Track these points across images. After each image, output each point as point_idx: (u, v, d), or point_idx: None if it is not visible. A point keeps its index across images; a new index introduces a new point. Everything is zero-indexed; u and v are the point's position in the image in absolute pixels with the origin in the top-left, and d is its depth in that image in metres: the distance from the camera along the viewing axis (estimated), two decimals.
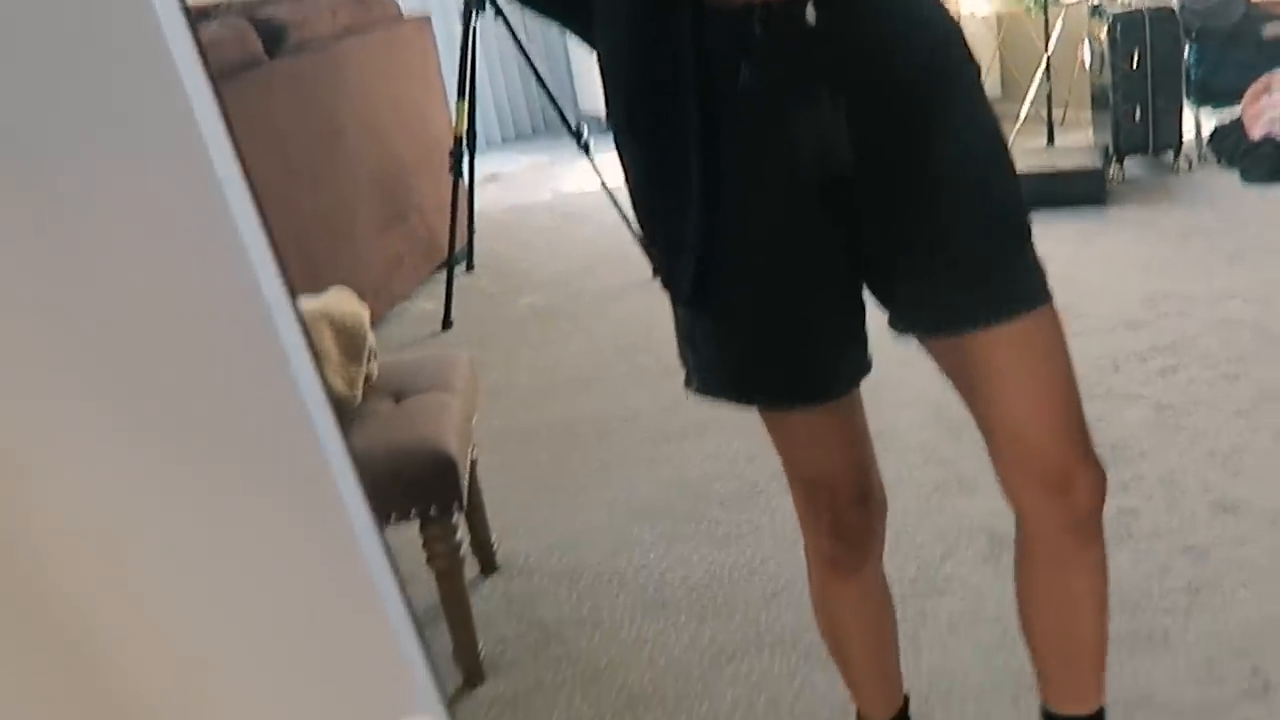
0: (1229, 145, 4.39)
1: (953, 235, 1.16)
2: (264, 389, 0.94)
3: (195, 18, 0.91)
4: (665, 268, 1.26)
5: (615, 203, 3.94)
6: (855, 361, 1.29)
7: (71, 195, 0.86)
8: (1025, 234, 1.18)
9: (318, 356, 0.89)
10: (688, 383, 1.33)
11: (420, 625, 0.99)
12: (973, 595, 2.10)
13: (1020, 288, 1.17)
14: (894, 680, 1.62)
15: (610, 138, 1.23)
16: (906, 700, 1.64)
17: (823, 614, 1.54)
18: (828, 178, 1.15)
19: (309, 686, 1.09)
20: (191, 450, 0.97)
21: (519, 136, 7.02)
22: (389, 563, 0.96)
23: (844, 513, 1.39)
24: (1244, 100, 4.37)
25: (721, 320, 1.25)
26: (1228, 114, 4.51)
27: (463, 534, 2.02)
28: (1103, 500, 1.24)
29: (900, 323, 1.23)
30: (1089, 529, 1.26)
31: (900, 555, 2.20)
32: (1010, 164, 1.20)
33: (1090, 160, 4.23)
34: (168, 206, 0.85)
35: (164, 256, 0.90)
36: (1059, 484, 1.21)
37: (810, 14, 1.09)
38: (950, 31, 1.18)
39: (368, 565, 0.95)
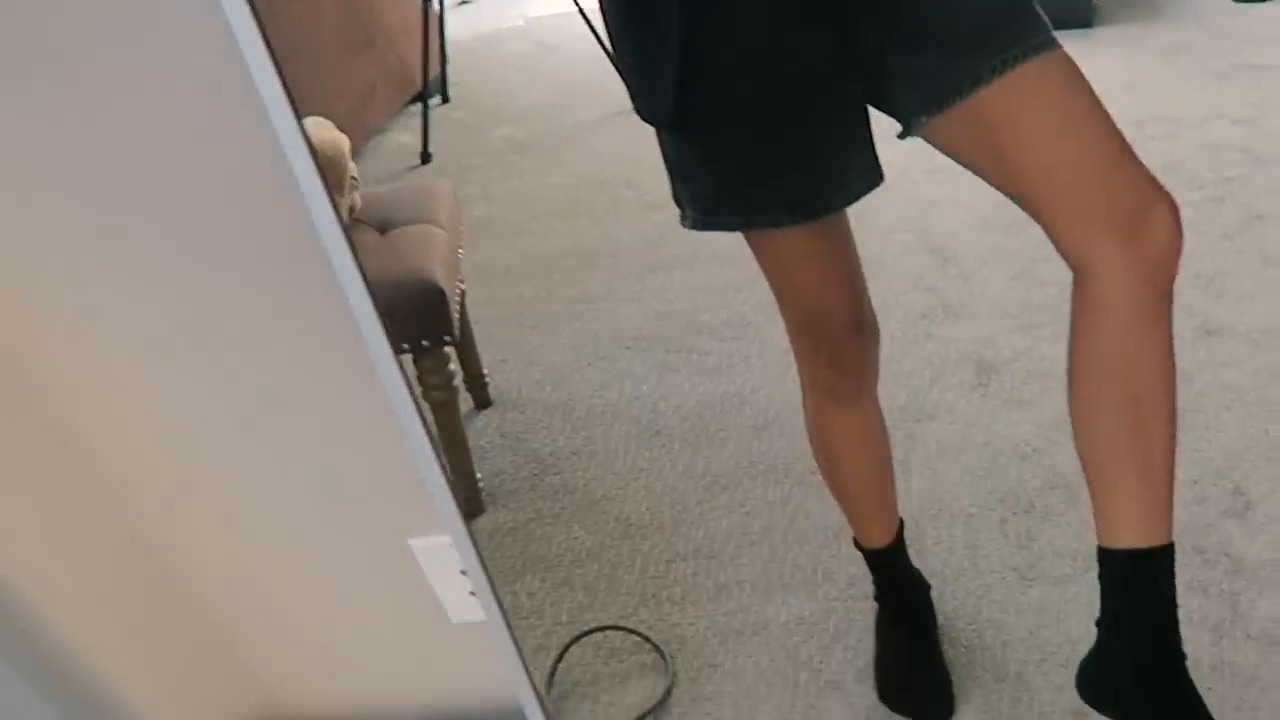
0: None
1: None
2: (280, 220, 0.91)
3: None
4: (643, 90, 1.20)
5: (590, 25, 3.81)
6: (864, 170, 1.24)
7: (81, 36, 0.82)
8: None
9: None
10: (684, 220, 1.29)
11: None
12: (960, 421, 2.12)
13: (1025, 34, 1.09)
14: (891, 508, 1.64)
15: None
16: (902, 525, 1.66)
17: (820, 446, 1.54)
18: None
19: (331, 508, 1.10)
20: (213, 281, 0.95)
21: None
22: (406, 387, 0.94)
23: (841, 342, 1.38)
24: None
25: (714, 141, 1.20)
26: None
27: (455, 367, 2.01)
28: (1181, 238, 1.10)
29: (907, 111, 1.16)
30: (1167, 278, 1.12)
31: (889, 381, 2.20)
32: None
33: None
34: (176, 42, 0.81)
35: (175, 91, 0.87)
36: (1135, 222, 1.08)
37: None
38: None
39: (385, 389, 0.94)
